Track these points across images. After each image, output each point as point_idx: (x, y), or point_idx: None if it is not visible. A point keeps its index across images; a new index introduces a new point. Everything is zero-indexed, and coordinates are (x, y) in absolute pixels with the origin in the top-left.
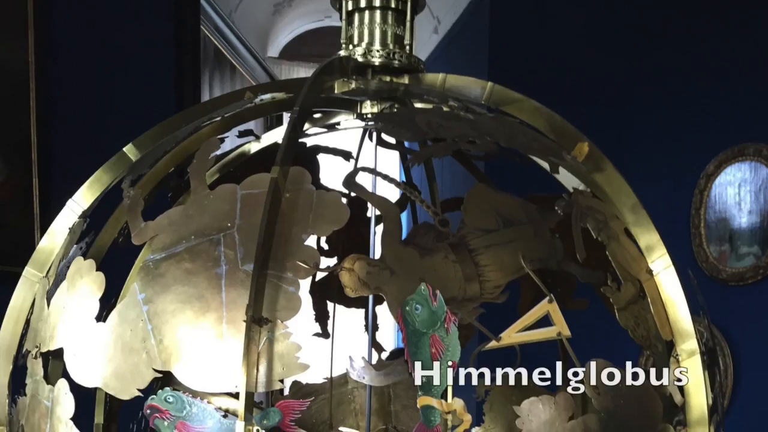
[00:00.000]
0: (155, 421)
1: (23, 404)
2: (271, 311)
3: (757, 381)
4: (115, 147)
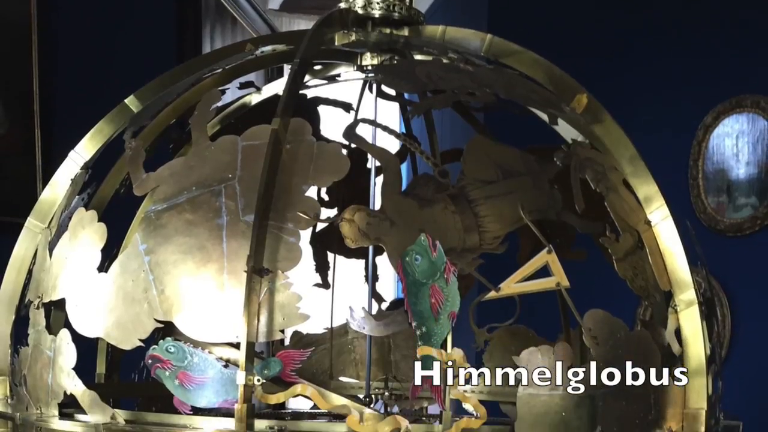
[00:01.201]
0: (156, 371)
1: (25, 354)
2: (271, 262)
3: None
4: (116, 99)
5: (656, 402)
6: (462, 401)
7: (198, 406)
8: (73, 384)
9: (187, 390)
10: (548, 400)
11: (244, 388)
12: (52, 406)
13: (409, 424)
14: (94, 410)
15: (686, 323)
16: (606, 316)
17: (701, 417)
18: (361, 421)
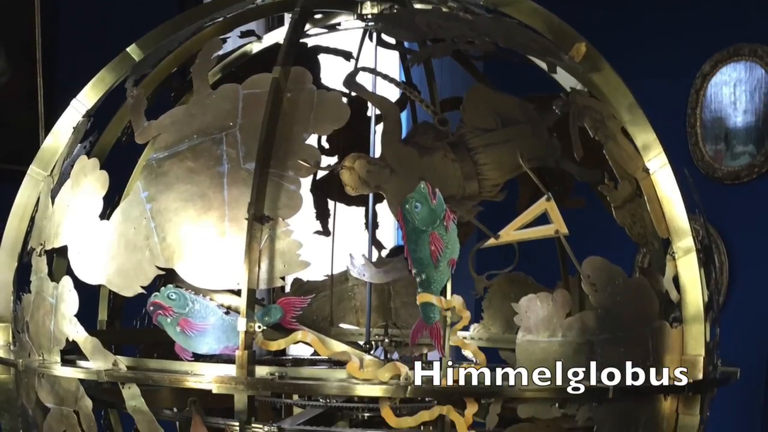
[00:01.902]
0: (158, 317)
1: (28, 301)
2: (272, 209)
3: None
4: (118, 47)
5: (654, 348)
6: (461, 348)
7: (199, 352)
8: (75, 331)
9: (188, 337)
10: (547, 346)
11: (244, 335)
12: (55, 353)
13: (408, 370)
14: (96, 357)
15: (684, 270)
16: (604, 263)
17: (699, 363)
18: (361, 367)
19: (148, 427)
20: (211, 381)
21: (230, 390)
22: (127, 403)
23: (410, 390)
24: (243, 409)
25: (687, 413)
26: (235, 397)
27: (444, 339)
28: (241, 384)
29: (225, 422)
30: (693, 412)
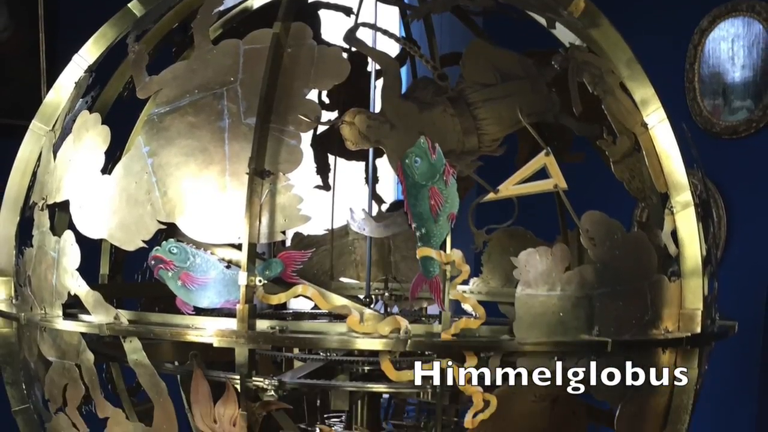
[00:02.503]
0: (159, 271)
1: (30, 255)
2: (273, 164)
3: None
4: (120, 3)
5: (653, 302)
6: (461, 302)
7: (200, 306)
8: (77, 284)
9: (189, 290)
10: (546, 300)
11: (245, 289)
12: (56, 307)
13: (408, 324)
14: (98, 310)
15: (682, 225)
16: (603, 218)
17: (697, 317)
18: (362, 321)
19: (150, 380)
20: (212, 335)
21: (231, 343)
22: (129, 356)
23: (410, 344)
24: (244, 363)
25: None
26: (236, 351)
27: (443, 293)
28: (242, 337)
29: (226, 376)
30: (691, 365)
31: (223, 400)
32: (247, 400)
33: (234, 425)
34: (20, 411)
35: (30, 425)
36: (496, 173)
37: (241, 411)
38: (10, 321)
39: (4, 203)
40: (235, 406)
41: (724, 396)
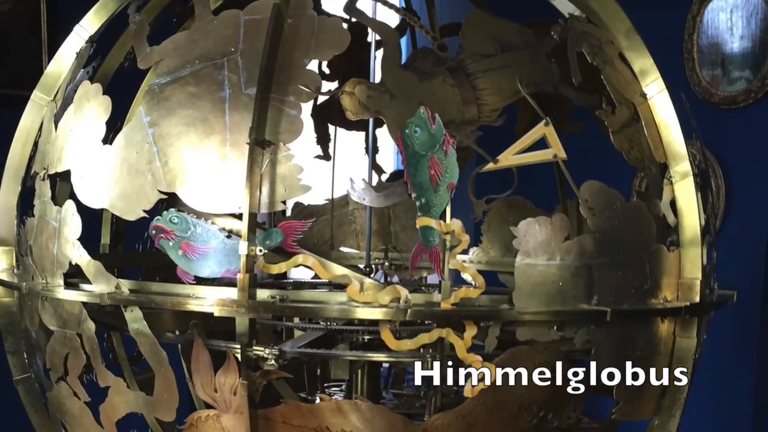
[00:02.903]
0: (160, 241)
1: (31, 225)
2: (273, 134)
3: (748, 202)
4: None
5: (651, 272)
6: (461, 271)
7: (201, 275)
8: (78, 254)
9: (190, 260)
10: (545, 270)
11: (246, 258)
12: (58, 276)
13: (408, 293)
14: (99, 280)
15: (681, 194)
16: (602, 188)
17: (696, 286)
18: (362, 290)
19: (151, 349)
20: (213, 304)
21: (232, 313)
22: (130, 325)
23: (410, 313)
24: (244, 332)
25: (684, 336)
26: (237, 320)
27: (443, 262)
28: (243, 307)
29: (227, 345)
30: (690, 334)
31: (223, 369)
32: (247, 369)
33: (234, 394)
34: (21, 380)
35: (31, 394)
36: (495, 143)
37: (242, 380)
38: (11, 290)
39: (5, 173)
40: (236, 375)
41: (722, 365)
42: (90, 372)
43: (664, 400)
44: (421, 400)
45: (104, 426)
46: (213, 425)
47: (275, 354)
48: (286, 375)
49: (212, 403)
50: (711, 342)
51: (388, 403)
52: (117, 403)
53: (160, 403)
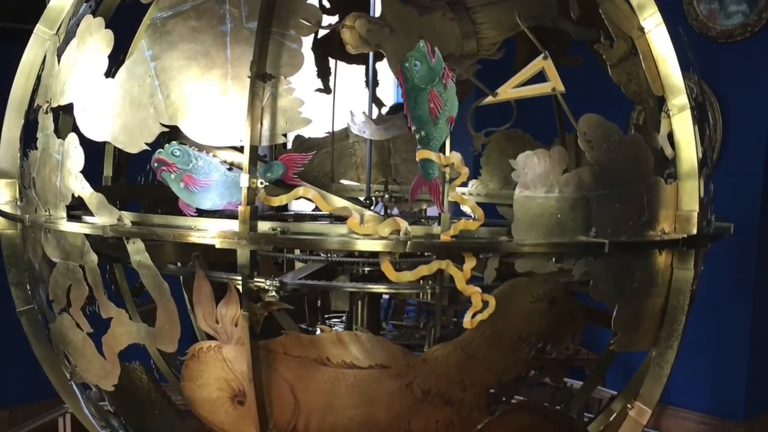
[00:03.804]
0: (162, 174)
1: (34, 157)
2: (274, 67)
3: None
4: None
5: (649, 204)
6: (460, 203)
7: (202, 208)
8: (81, 186)
9: (191, 192)
10: (544, 202)
11: (247, 191)
12: (60, 209)
13: (408, 225)
14: (101, 212)
15: (679, 127)
16: (600, 121)
17: (693, 219)
18: (362, 222)
19: (153, 281)
20: (215, 236)
21: (233, 245)
22: (132, 257)
23: (410, 245)
24: (245, 264)
25: (681, 267)
26: (238, 252)
27: (443, 195)
28: (244, 239)
29: (228, 276)
30: (687, 266)
31: (225, 300)
32: (248, 300)
33: (236, 325)
34: (25, 311)
35: (34, 325)
36: (494, 77)
37: (243, 311)
38: (14, 222)
39: (9, 106)
40: (237, 306)
41: (720, 297)
42: (92, 303)
43: (662, 331)
44: (421, 331)
45: (106, 357)
46: (214, 356)
47: (276, 285)
48: (287, 306)
49: (214, 334)
50: (708, 274)
51: (388, 334)
52: (119, 334)
53: (162, 335)
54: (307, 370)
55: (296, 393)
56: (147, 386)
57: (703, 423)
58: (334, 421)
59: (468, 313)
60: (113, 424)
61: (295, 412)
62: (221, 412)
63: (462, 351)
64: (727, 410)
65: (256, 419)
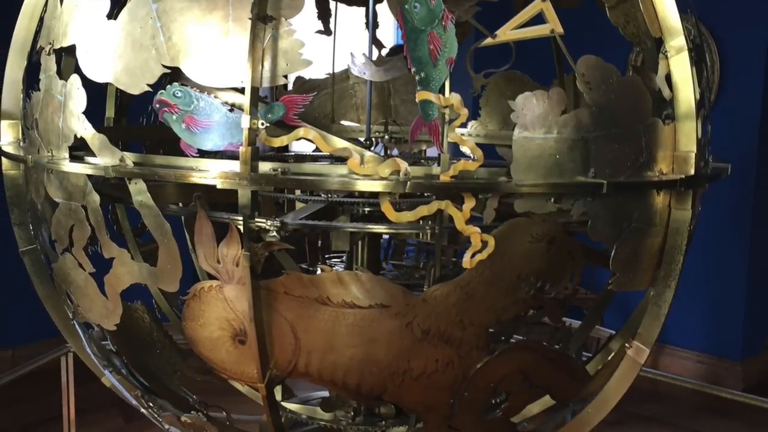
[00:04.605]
0: (164, 115)
1: (37, 99)
2: (275, 9)
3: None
4: None
5: (647, 145)
6: (459, 144)
7: (204, 149)
8: (83, 127)
9: (193, 133)
10: (543, 143)
11: (248, 132)
12: (63, 149)
13: (408, 166)
14: (104, 153)
15: (676, 69)
16: (599, 62)
17: (691, 159)
18: (362, 163)
19: (154, 221)
20: (216, 176)
21: (234, 185)
22: (134, 198)
23: (409, 185)
24: (246, 204)
25: (679, 208)
26: (239, 192)
27: (442, 136)
28: (245, 179)
29: (229, 217)
30: (685, 206)
31: (226, 240)
32: (249, 240)
33: (237, 265)
34: (27, 251)
35: (37, 265)
36: (493, 18)
37: (244, 251)
38: (17, 163)
39: (11, 48)
40: (238, 246)
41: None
42: (94, 243)
43: (660, 271)
44: (421, 271)
45: (108, 296)
46: (216, 296)
47: (277, 226)
48: (288, 246)
49: (215, 274)
50: (706, 214)
51: (387, 274)
52: (121, 274)
53: (163, 274)
54: (308, 309)
55: (297, 332)
56: (149, 326)
57: (700, 362)
58: (334, 360)
59: (467, 253)
60: (115, 363)
61: (295, 351)
62: (222, 352)
63: (461, 291)
64: (724, 349)
65: (257, 358)
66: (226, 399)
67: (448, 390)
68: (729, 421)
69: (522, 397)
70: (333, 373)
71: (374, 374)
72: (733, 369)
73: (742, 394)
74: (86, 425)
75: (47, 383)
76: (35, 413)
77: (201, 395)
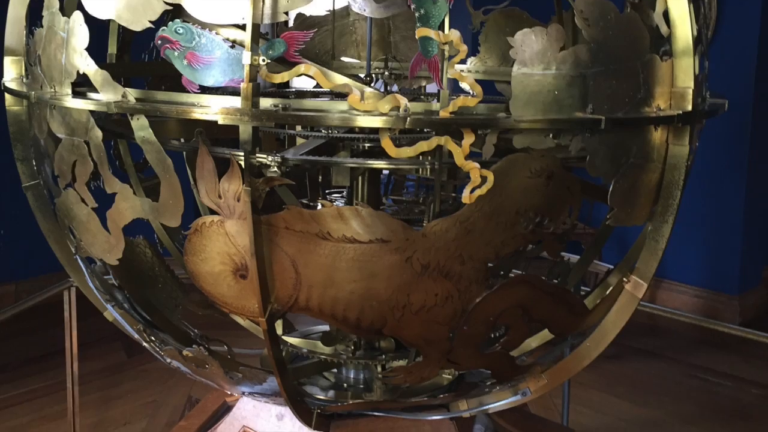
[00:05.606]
0: (166, 51)
1: (40, 35)
2: None
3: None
4: None
5: (645, 81)
6: (459, 80)
7: (205, 85)
8: (86, 64)
9: (195, 69)
10: (541, 79)
11: (249, 68)
12: (66, 85)
13: (407, 102)
14: (106, 89)
15: (674, 5)
16: None
17: (688, 95)
18: (362, 99)
19: (156, 156)
20: (217, 112)
21: (235, 121)
22: (136, 133)
23: (409, 121)
24: (248, 140)
25: (677, 143)
26: (240, 128)
27: (442, 72)
28: (246, 115)
29: (230, 152)
30: (682, 142)
31: (227, 175)
32: (250, 175)
33: (238, 200)
34: (30, 186)
35: (40, 200)
36: None
37: (245, 186)
38: (20, 99)
39: None
40: (239, 181)
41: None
42: (97, 179)
43: (657, 206)
44: (420, 206)
45: (111, 231)
46: (217, 230)
47: (278, 161)
48: (289, 181)
49: (216, 209)
50: (703, 150)
51: (387, 209)
52: (123, 209)
53: (165, 209)
54: (308, 244)
55: (297, 267)
56: (151, 260)
57: (698, 296)
58: (334, 294)
59: (466, 188)
60: (117, 298)
61: (296, 285)
62: (224, 286)
63: (461, 225)
64: (721, 284)
65: (258, 293)
66: (227, 333)
67: (448, 324)
68: (726, 355)
69: (521, 331)
70: (333, 308)
71: (374, 308)
72: (730, 303)
73: (739, 328)
74: (89, 359)
75: (50, 317)
76: (38, 347)
77: (202, 329)
